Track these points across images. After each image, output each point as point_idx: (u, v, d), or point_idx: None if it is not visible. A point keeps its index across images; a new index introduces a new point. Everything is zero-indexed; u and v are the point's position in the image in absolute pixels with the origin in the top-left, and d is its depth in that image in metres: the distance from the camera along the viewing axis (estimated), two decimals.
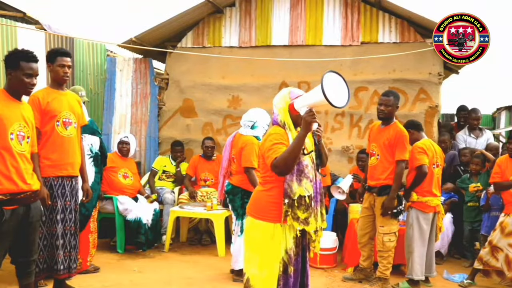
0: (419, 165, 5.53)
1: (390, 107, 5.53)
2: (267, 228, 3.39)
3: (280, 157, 3.27)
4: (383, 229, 5.51)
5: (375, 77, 7.67)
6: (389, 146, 5.47)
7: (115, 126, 8.57)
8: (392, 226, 5.52)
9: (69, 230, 4.80)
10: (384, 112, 5.55)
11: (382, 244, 5.50)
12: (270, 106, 6.62)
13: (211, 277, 5.84)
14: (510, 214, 5.71)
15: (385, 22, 7.70)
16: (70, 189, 4.75)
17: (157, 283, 5.52)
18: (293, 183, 3.33)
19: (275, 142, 3.36)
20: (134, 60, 8.67)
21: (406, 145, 5.47)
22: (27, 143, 3.96)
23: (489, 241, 5.81)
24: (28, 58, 3.95)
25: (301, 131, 3.27)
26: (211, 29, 8.28)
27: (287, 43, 8.00)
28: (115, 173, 6.90)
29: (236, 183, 5.58)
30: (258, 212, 3.46)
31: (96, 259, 5.96)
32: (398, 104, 5.64)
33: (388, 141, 5.47)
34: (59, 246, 4.71)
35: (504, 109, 11.94)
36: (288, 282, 3.40)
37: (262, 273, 3.40)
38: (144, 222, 6.68)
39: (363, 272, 5.82)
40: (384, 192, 5.49)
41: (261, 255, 3.41)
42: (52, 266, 4.71)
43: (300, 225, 3.33)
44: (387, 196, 5.44)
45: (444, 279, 6.10)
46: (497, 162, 6.02)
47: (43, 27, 7.46)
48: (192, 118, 8.31)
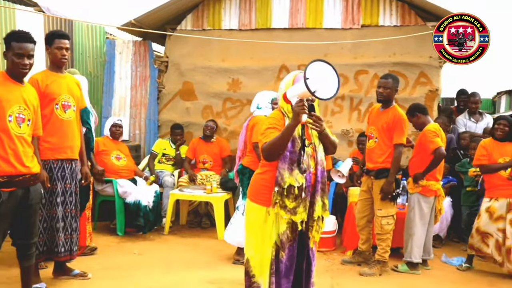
0: (436, 147, 5.54)
1: (389, 90, 5.52)
2: (260, 211, 3.42)
3: (269, 142, 3.28)
4: (381, 212, 5.52)
5: (376, 61, 7.64)
6: (387, 129, 5.47)
7: (114, 109, 8.57)
8: (390, 209, 5.53)
9: (70, 213, 4.80)
10: (382, 94, 5.55)
11: (381, 227, 5.52)
12: (270, 88, 6.71)
13: (210, 259, 5.88)
14: (498, 198, 5.71)
15: (385, 5, 7.65)
16: (70, 171, 4.74)
17: (157, 265, 5.55)
18: (284, 172, 3.32)
19: (269, 127, 3.37)
20: (133, 42, 8.64)
21: (405, 129, 5.47)
22: (28, 125, 3.95)
23: (476, 229, 5.82)
24: (18, 38, 3.90)
25: (291, 121, 3.25)
26: (211, 11, 8.22)
27: (287, 26, 7.95)
28: (108, 155, 6.88)
29: (245, 163, 5.65)
30: (253, 195, 3.50)
31: (96, 242, 5.99)
32: (398, 87, 5.63)
33: (387, 125, 5.47)
34: (60, 228, 4.71)
35: (504, 93, 11.94)
36: (279, 267, 3.40)
37: (257, 256, 3.44)
38: (145, 204, 6.69)
39: (362, 255, 5.85)
40: (381, 175, 5.50)
41: (256, 238, 3.46)
42: (53, 249, 4.72)
43: (287, 214, 3.32)
44: (385, 180, 5.45)
45: (443, 263, 6.14)
46: (481, 145, 5.94)
47: (42, 9, 7.38)
48: (192, 101, 8.30)
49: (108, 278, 5.03)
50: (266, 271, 3.41)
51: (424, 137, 5.66)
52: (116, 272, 5.25)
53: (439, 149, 5.55)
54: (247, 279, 3.51)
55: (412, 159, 5.87)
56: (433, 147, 5.56)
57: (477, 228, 5.82)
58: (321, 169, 3.44)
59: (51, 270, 4.95)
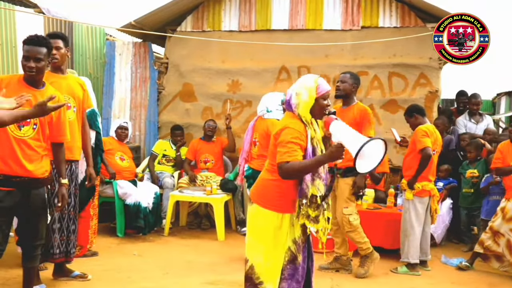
0: (422, 148, 5.51)
1: (346, 84, 5.36)
2: (273, 218, 3.37)
3: (292, 166, 3.18)
4: (347, 210, 5.39)
5: (375, 62, 7.62)
6: (355, 125, 5.05)
7: (114, 111, 8.54)
8: (353, 206, 5.44)
9: (67, 214, 4.79)
10: (339, 89, 5.40)
11: (349, 224, 5.37)
12: (269, 90, 6.71)
13: (210, 261, 5.87)
14: (511, 199, 5.72)
15: (385, 7, 7.63)
16: (69, 173, 4.73)
17: (157, 267, 5.54)
18: (308, 182, 3.28)
19: (293, 141, 3.24)
20: (133, 44, 8.62)
21: (372, 123, 5.34)
22: (33, 129, 3.91)
23: (490, 227, 5.83)
24: (27, 40, 3.95)
25: (323, 157, 3.20)
26: (210, 13, 8.21)
27: (287, 27, 7.93)
28: (112, 155, 6.91)
29: (257, 167, 5.60)
30: (265, 201, 3.41)
31: (96, 243, 5.96)
32: (357, 84, 5.47)
33: (354, 121, 5.20)
34: (56, 229, 4.71)
35: (504, 95, 11.91)
36: (297, 271, 3.39)
37: (267, 263, 3.38)
38: (144, 206, 6.69)
39: (339, 261, 5.67)
40: (350, 174, 5.30)
41: (266, 244, 3.38)
42: (48, 250, 4.71)
43: (310, 223, 3.30)
44: (353, 178, 5.33)
45: (442, 263, 6.13)
46: (498, 148, 6.01)
47: (42, 10, 7.38)
48: (192, 102, 8.28)
49: (108, 280, 5.02)
50: (277, 277, 3.37)
51: (415, 136, 5.66)
52: (116, 274, 5.24)
53: (426, 149, 5.51)
54: (250, 285, 3.43)
55: (406, 158, 5.89)
56: (420, 146, 5.54)
57: (491, 226, 5.81)
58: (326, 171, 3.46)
59: (51, 271, 4.93)
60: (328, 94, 3.39)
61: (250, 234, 3.50)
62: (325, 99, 3.36)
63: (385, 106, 7.59)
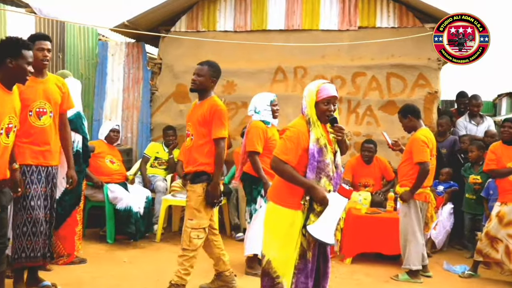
0: (421, 161, 5.39)
1: (203, 77, 4.66)
2: (287, 215, 3.62)
3: (284, 168, 3.57)
4: (192, 223, 4.59)
5: (373, 63, 7.52)
6: (204, 123, 4.58)
7: (106, 112, 8.42)
8: (203, 220, 4.62)
9: (44, 217, 4.65)
10: (195, 82, 4.67)
11: (189, 240, 4.59)
12: (265, 90, 6.56)
13: (204, 268, 5.66)
14: (507, 203, 5.60)
15: (383, 7, 7.55)
16: (45, 174, 4.63)
17: (148, 275, 5.41)
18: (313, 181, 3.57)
19: (290, 140, 3.59)
20: (126, 44, 8.51)
21: (224, 121, 4.61)
22: (14, 132, 3.89)
23: (485, 233, 5.72)
24: (28, 46, 3.91)
25: (311, 188, 3.53)
26: (205, 13, 8.11)
27: (283, 28, 7.85)
28: (102, 158, 6.77)
29: (246, 169, 5.52)
30: (278, 198, 3.68)
31: (85, 250, 5.84)
32: (215, 76, 4.75)
33: (202, 117, 4.58)
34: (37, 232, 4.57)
35: (505, 96, 11.84)
36: (306, 267, 3.62)
37: (282, 257, 3.63)
38: (136, 210, 6.53)
39: (221, 278, 5.02)
40: (198, 179, 4.60)
41: (280, 240, 3.63)
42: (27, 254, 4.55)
43: (316, 218, 3.54)
44: (203, 184, 4.59)
45: (445, 271, 6.00)
46: (490, 149, 5.89)
47: (33, 10, 7.31)
48: (186, 103, 8.12)
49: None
50: (290, 271, 3.63)
51: (413, 145, 5.49)
52: (105, 282, 5.10)
53: (424, 164, 5.39)
54: (268, 280, 3.66)
55: (401, 165, 5.74)
56: (417, 159, 5.41)
57: (486, 232, 5.70)
58: (339, 172, 3.73)
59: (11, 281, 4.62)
60: (330, 99, 3.62)
61: (266, 230, 3.76)
62: (327, 104, 3.61)
63: (383, 108, 7.48)
